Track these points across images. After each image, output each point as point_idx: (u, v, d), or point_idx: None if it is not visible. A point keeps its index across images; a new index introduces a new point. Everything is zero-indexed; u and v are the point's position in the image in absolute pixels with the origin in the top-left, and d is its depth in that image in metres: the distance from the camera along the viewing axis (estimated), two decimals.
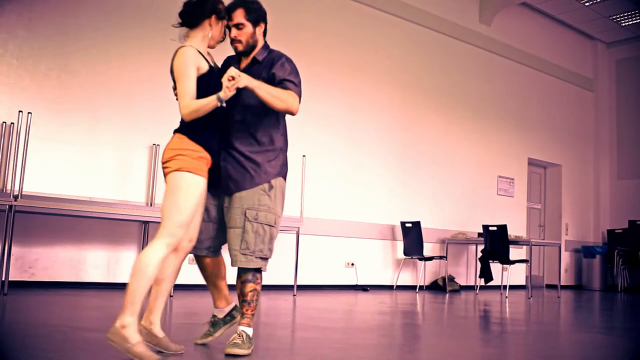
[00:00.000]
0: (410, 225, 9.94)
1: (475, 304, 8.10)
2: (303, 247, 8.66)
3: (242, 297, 3.38)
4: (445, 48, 11.40)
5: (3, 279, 5.98)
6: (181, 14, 3.34)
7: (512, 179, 12.51)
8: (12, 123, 6.64)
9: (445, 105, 11.29)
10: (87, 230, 7.06)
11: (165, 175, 3.25)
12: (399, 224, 10.12)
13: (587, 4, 12.59)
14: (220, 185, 3.44)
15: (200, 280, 3.82)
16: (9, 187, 6.39)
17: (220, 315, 3.64)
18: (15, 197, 6.09)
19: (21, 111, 6.51)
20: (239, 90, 3.20)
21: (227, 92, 3.09)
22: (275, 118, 3.49)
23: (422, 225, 9.92)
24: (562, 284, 11.25)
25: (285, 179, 3.54)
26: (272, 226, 3.40)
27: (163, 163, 3.26)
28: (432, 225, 10.69)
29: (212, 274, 3.59)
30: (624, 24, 13.52)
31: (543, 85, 13.41)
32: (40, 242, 6.87)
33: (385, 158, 10.21)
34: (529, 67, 13.05)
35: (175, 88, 3.29)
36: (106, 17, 7.44)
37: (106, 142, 7.31)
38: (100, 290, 6.95)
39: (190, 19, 3.33)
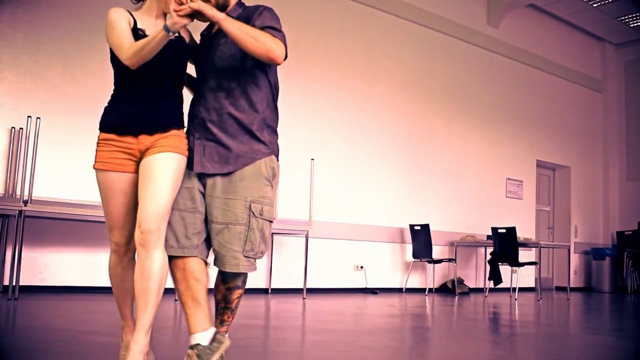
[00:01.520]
0: (419, 228, 9.90)
1: (485, 307, 8.06)
2: (312, 250, 8.64)
3: (225, 304, 2.89)
4: (453, 50, 11.37)
5: (14, 284, 5.99)
6: None
7: (521, 181, 12.46)
8: (21, 128, 6.66)
9: (454, 107, 11.26)
10: (96, 235, 7.05)
11: None
12: (408, 227, 10.08)
13: (595, 5, 12.53)
14: (195, 165, 2.81)
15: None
16: (18, 192, 6.42)
17: (204, 343, 2.74)
18: (25, 202, 6.10)
19: (30, 116, 6.53)
20: (212, 50, 2.84)
21: (175, 17, 2.53)
22: (262, 84, 2.86)
23: (431, 228, 9.89)
24: (571, 286, 11.19)
25: (278, 160, 2.95)
26: (271, 222, 2.84)
27: None
28: (441, 228, 10.66)
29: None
30: (632, 25, 13.43)
31: (551, 87, 13.35)
32: (50, 246, 6.88)
33: (393, 161, 10.19)
34: (537, 68, 13.00)
35: (112, 59, 2.84)
36: None
37: None
38: (110, 294, 6.92)
39: None
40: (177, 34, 2.73)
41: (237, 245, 2.73)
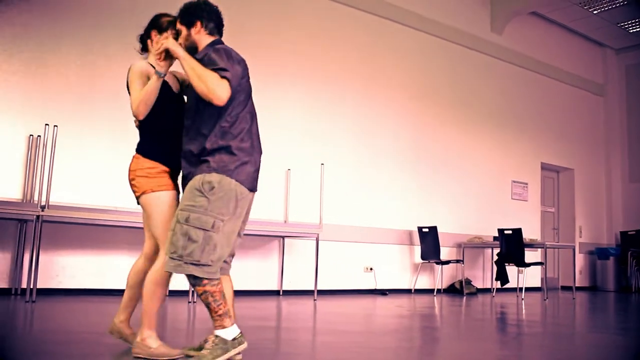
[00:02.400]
0: (427, 230, 9.82)
1: (492, 307, 7.97)
2: (323, 253, 8.57)
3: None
4: (458, 57, 11.30)
5: (31, 286, 5.95)
6: (139, 40, 3.56)
7: (526, 184, 12.35)
8: (39, 136, 6.64)
9: (460, 112, 11.18)
10: (110, 239, 7.01)
11: (135, 195, 3.34)
12: (416, 229, 10.00)
13: (595, 12, 12.44)
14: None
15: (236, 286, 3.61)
16: (36, 198, 6.39)
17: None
18: (43, 208, 6.08)
19: (48, 124, 6.52)
20: (187, 93, 3.20)
21: (160, 63, 3.12)
22: (229, 117, 3.09)
23: (439, 230, 9.80)
24: (577, 285, 11.07)
25: (238, 181, 3.06)
26: (208, 230, 2.97)
27: (129, 182, 3.35)
28: (449, 230, 10.57)
29: None
30: (631, 31, 13.35)
31: (554, 92, 13.25)
32: (67, 250, 6.84)
33: (401, 165, 10.11)
34: (540, 74, 12.91)
35: None
36: (131, 32, 7.41)
37: (130, 153, 7.27)
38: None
39: (142, 43, 3.55)
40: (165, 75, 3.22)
41: (166, 249, 3.04)
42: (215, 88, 2.94)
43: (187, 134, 3.18)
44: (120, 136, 7.03)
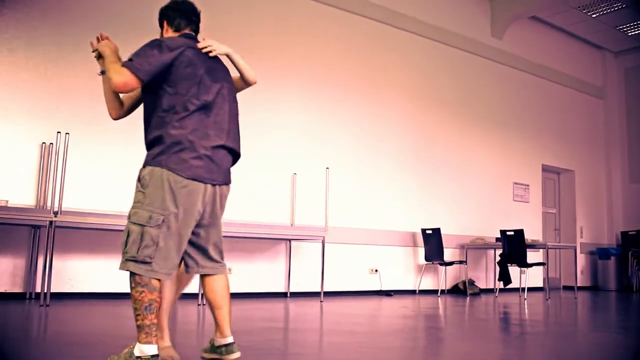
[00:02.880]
0: (430, 231, 9.84)
1: (495, 307, 7.99)
2: (328, 255, 8.61)
3: None
4: (459, 61, 11.33)
5: (45, 291, 6.01)
6: None
7: (527, 185, 12.37)
8: (51, 143, 6.69)
9: (462, 116, 11.21)
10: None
11: None
12: (420, 231, 10.03)
13: (594, 15, 12.46)
14: None
15: (236, 289, 3.50)
16: (49, 204, 6.45)
17: (216, 343, 3.14)
18: (55, 213, 6.13)
19: (59, 132, 6.57)
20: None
21: (98, 62, 3.20)
22: (165, 106, 2.94)
23: (442, 232, 9.81)
24: (578, 285, 11.08)
25: (170, 170, 2.85)
26: (144, 225, 2.79)
27: None
28: (452, 232, 10.59)
29: (206, 298, 3.20)
30: (630, 34, 13.36)
31: (555, 95, 13.27)
32: (79, 255, 6.89)
33: (405, 168, 10.14)
34: (540, 77, 12.93)
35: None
36: (140, 39, 7.46)
37: (140, 159, 7.33)
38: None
39: None
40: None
41: None
42: (111, 75, 2.87)
43: (144, 135, 3.10)
44: (130, 142, 7.07)
